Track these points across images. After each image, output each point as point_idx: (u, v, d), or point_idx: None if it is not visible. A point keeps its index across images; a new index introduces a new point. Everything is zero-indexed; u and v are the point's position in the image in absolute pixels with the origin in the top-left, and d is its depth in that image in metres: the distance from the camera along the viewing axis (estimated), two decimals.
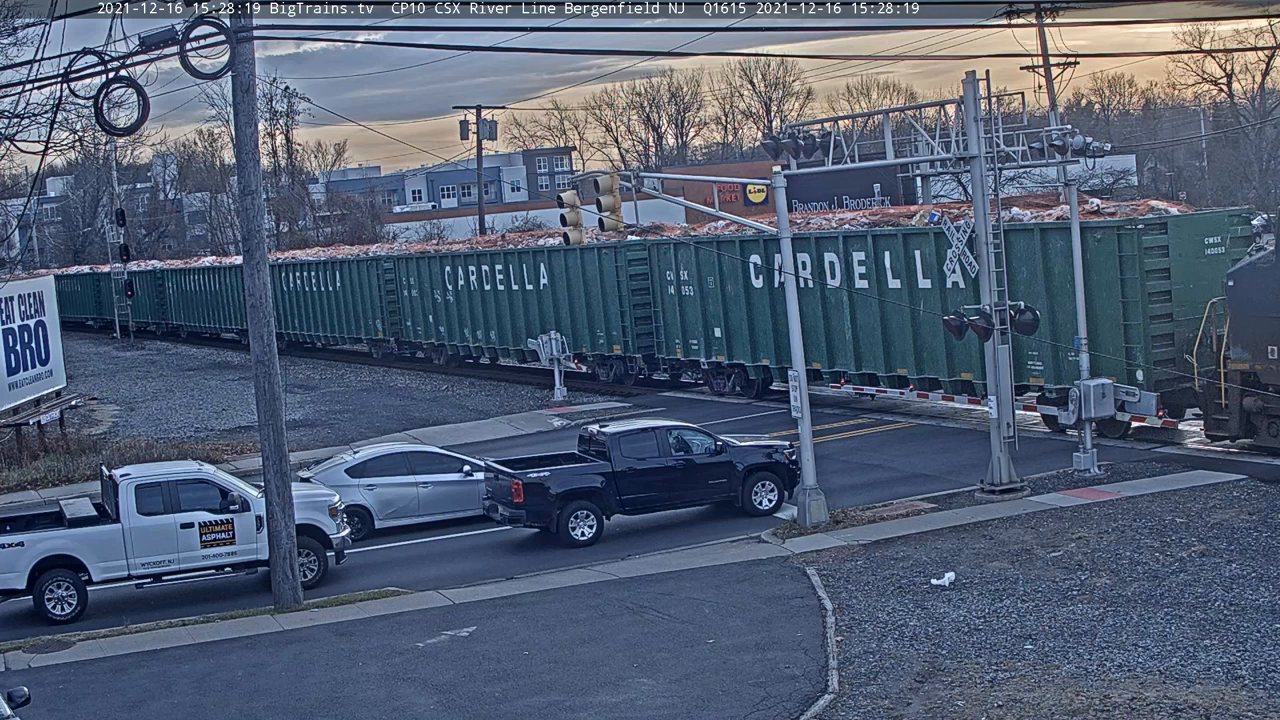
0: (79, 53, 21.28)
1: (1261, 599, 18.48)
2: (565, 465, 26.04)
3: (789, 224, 26.10)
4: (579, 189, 29.53)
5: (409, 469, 27.76)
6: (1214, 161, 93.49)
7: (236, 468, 31.68)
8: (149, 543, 22.81)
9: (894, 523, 24.32)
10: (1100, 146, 26.62)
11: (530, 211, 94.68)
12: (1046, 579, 20.18)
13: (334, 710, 17.24)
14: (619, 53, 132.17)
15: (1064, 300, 29.04)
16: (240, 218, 26.29)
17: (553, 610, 20.72)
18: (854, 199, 64.97)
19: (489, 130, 76.30)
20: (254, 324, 22.45)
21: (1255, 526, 21.94)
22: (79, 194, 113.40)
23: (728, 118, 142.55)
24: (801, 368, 25.20)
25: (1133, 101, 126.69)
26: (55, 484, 33.54)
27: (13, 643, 20.98)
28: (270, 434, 22.32)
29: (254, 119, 22.51)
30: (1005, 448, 25.58)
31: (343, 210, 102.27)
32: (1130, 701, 15.23)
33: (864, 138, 28.27)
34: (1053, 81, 56.41)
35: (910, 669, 17.00)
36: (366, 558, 25.41)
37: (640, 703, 16.63)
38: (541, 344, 42.91)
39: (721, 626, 19.27)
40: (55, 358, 41.10)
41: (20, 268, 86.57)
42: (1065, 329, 28.96)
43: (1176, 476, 25.86)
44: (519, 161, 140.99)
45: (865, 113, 61.16)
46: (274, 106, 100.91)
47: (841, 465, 29.59)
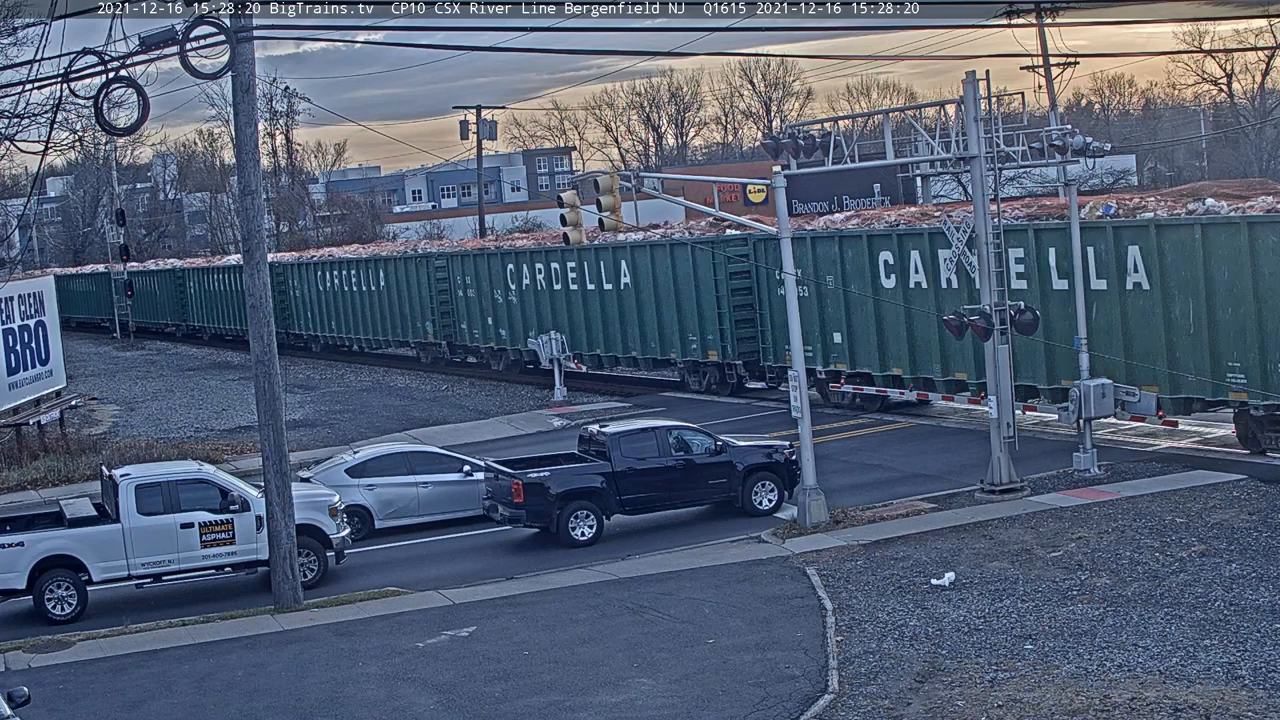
0: (79, 53, 21.29)
1: (1261, 599, 18.48)
2: (565, 465, 26.04)
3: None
4: (579, 189, 29.51)
5: (409, 469, 27.76)
6: (1214, 161, 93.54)
7: (236, 468, 31.68)
8: (149, 543, 22.81)
9: (894, 523, 24.32)
10: (1100, 146, 26.61)
11: (530, 211, 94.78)
12: (1046, 579, 20.18)
13: (334, 710, 17.24)
14: (619, 53, 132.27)
15: (1275, 302, 25.84)
16: (240, 218, 26.29)
17: (553, 610, 20.72)
18: (854, 199, 64.95)
19: (489, 130, 76.31)
20: (254, 324, 22.44)
21: (1255, 526, 21.94)
22: (79, 194, 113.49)
23: (728, 118, 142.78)
24: (801, 368, 25.21)
25: (1133, 101, 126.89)
26: (55, 484, 33.54)
27: (13, 643, 20.98)
28: (270, 434, 22.32)
29: (254, 119, 22.51)
30: (1005, 448, 25.58)
31: (343, 210, 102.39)
32: (1130, 701, 15.23)
33: (864, 138, 28.26)
34: (1053, 81, 56.46)
35: (910, 669, 17.00)
36: (366, 558, 25.41)
37: (640, 703, 16.63)
38: (541, 344, 42.77)
39: (721, 626, 19.27)
40: (55, 358, 41.09)
41: (20, 268, 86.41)
42: (1277, 334, 25.87)
43: (1176, 476, 25.86)
44: (519, 161, 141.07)
45: (865, 113, 61.18)
46: (274, 106, 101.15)
47: (841, 465, 29.59)
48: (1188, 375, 27.18)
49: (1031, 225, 30.37)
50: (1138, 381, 27.66)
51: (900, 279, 33.24)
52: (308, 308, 61.66)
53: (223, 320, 70.33)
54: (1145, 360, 27.84)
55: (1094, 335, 27.87)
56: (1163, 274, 27.49)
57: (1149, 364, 27.69)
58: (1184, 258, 27.08)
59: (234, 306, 66.60)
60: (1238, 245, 26.18)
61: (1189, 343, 27.17)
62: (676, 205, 34.01)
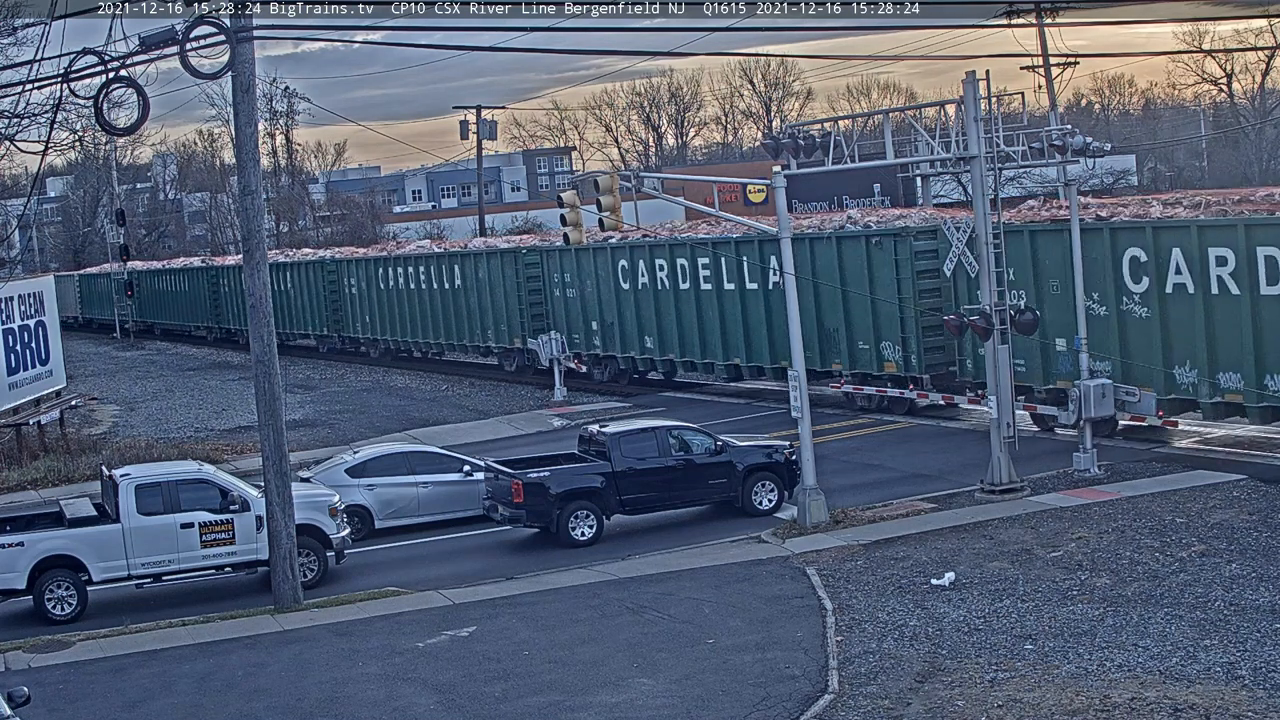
0: (79, 53, 21.29)
1: (1261, 599, 18.48)
2: (565, 465, 26.04)
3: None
4: (579, 189, 29.50)
5: (409, 469, 27.76)
6: (1214, 161, 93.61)
7: (236, 468, 31.68)
8: (149, 543, 22.81)
9: (894, 523, 24.32)
10: (1100, 146, 26.61)
11: (530, 211, 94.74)
12: (1046, 579, 20.18)
13: (334, 710, 17.24)
14: (619, 53, 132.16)
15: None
16: (240, 218, 26.28)
17: (553, 610, 20.72)
18: (854, 199, 65.01)
19: (489, 130, 76.28)
20: (254, 324, 22.44)
21: (1255, 526, 21.94)
22: (79, 194, 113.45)
23: (728, 118, 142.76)
24: (801, 367, 25.20)
25: (1133, 101, 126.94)
26: (55, 484, 33.54)
27: (13, 643, 20.97)
28: (270, 434, 22.32)
29: (254, 119, 22.51)
30: (1005, 448, 25.58)
31: (343, 210, 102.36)
32: (1130, 701, 15.23)
33: (864, 138, 28.25)
34: (1053, 81, 56.49)
35: (910, 669, 17.00)
36: (366, 558, 25.41)
37: (640, 703, 16.63)
38: (541, 344, 42.75)
39: (721, 626, 19.27)
40: (55, 358, 41.09)
41: (20, 268, 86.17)
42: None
43: (1176, 476, 25.86)
44: (519, 161, 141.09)
45: (865, 113, 61.19)
46: (274, 106, 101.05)
47: (841, 465, 29.58)
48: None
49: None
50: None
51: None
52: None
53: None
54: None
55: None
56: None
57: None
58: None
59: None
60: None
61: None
62: (677, 205, 33.97)
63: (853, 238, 34.57)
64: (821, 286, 34.51)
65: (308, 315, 60.83)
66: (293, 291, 61.42)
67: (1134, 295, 28.09)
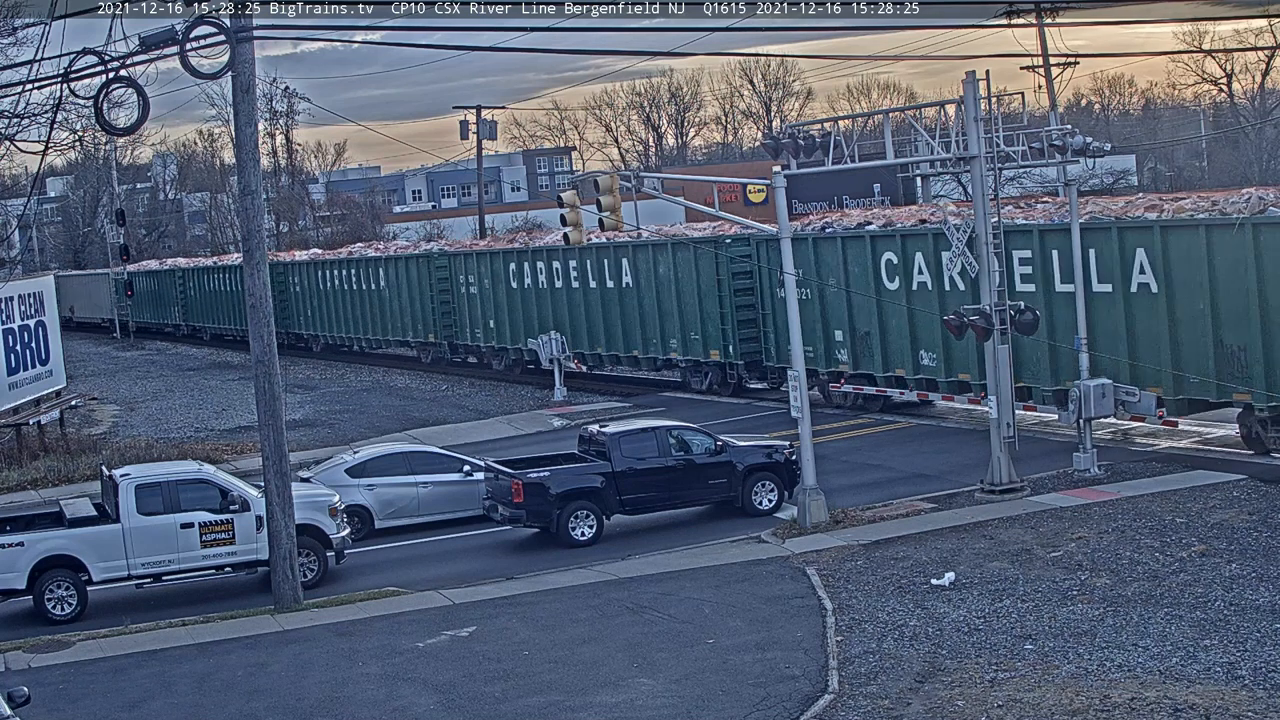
0: (79, 53, 21.29)
1: (1261, 599, 18.48)
2: (565, 465, 26.04)
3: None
4: (579, 189, 29.48)
5: (409, 469, 27.76)
6: (1214, 161, 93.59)
7: (236, 468, 31.68)
8: (149, 543, 22.81)
9: (894, 523, 24.32)
10: (1100, 146, 26.60)
11: (530, 211, 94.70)
12: (1046, 579, 20.18)
13: (334, 710, 17.24)
14: (619, 53, 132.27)
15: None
16: (240, 218, 26.29)
17: (553, 610, 20.72)
18: (854, 199, 64.97)
19: (489, 130, 76.22)
20: (254, 324, 22.44)
21: (1255, 526, 21.94)
22: (79, 194, 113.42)
23: (728, 118, 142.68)
24: (801, 367, 25.21)
25: (1133, 101, 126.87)
26: (55, 484, 33.54)
27: (13, 643, 20.98)
28: (270, 434, 22.32)
29: (254, 119, 22.52)
30: (1005, 448, 25.58)
31: (343, 210, 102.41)
32: (1130, 701, 15.23)
33: (864, 138, 28.24)
34: (1053, 81, 56.51)
35: (910, 669, 17.01)
36: (366, 558, 25.41)
37: (640, 703, 16.63)
38: (541, 344, 42.77)
39: (721, 626, 19.27)
40: (55, 358, 41.09)
41: (20, 268, 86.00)
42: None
43: (1176, 476, 25.86)
44: (519, 161, 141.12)
45: (865, 113, 61.14)
46: (274, 106, 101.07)
47: (841, 465, 29.58)
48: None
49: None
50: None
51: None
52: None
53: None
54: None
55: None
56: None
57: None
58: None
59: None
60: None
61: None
62: (677, 205, 33.98)
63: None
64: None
65: (363, 318, 57.21)
66: (338, 292, 58.59)
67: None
